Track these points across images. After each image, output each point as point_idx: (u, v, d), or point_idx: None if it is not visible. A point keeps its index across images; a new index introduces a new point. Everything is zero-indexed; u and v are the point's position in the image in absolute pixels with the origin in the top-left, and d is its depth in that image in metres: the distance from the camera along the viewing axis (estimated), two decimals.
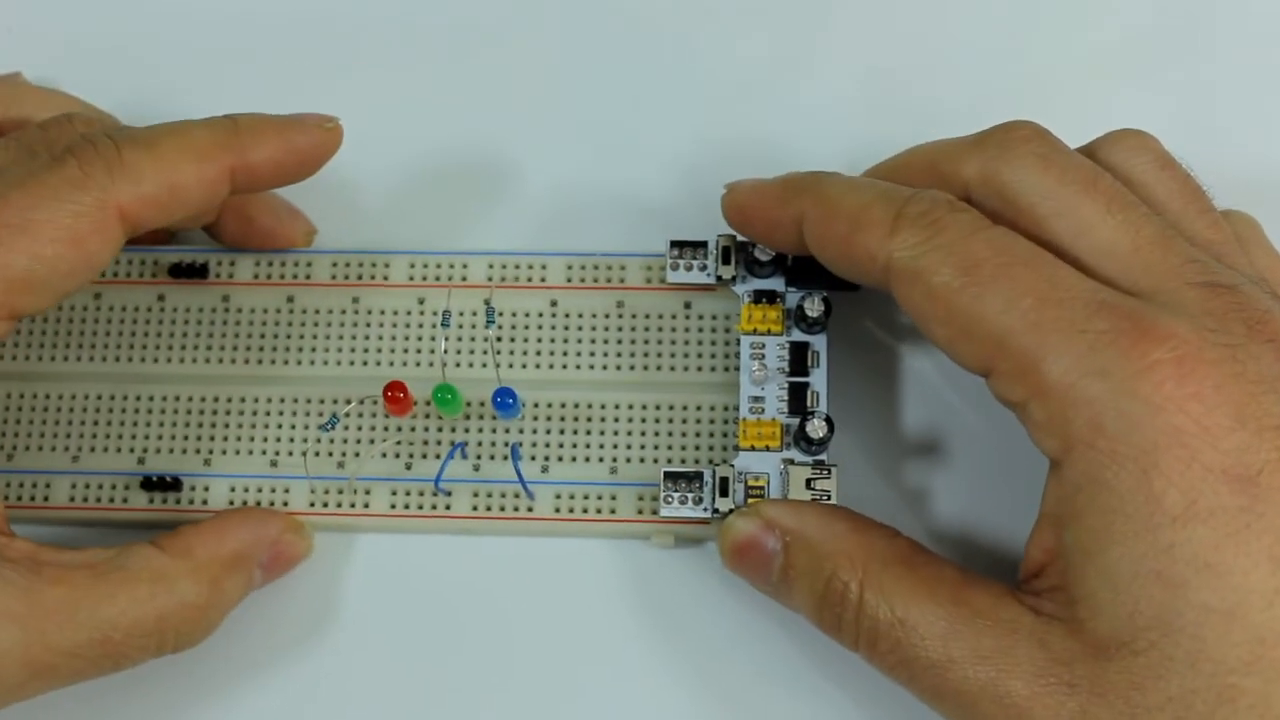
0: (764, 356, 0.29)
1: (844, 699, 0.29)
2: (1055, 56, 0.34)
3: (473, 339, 0.30)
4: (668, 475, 0.28)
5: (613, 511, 0.29)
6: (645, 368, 0.30)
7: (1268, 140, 0.33)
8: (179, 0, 0.35)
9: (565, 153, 0.33)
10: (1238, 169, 0.28)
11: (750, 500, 0.28)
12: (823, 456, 0.28)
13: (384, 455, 0.30)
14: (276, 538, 0.28)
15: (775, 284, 0.29)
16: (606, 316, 0.31)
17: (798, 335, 0.29)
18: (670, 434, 0.30)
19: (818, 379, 0.29)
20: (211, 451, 0.30)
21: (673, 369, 0.30)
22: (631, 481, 0.30)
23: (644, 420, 0.30)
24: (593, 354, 0.30)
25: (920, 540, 0.26)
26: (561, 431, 0.30)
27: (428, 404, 0.30)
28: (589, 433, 0.30)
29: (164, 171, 0.26)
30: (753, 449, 0.28)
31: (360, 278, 0.31)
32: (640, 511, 0.29)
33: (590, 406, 0.30)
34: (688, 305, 0.31)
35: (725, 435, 0.30)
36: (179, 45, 0.34)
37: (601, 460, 0.30)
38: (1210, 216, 0.26)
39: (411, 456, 0.30)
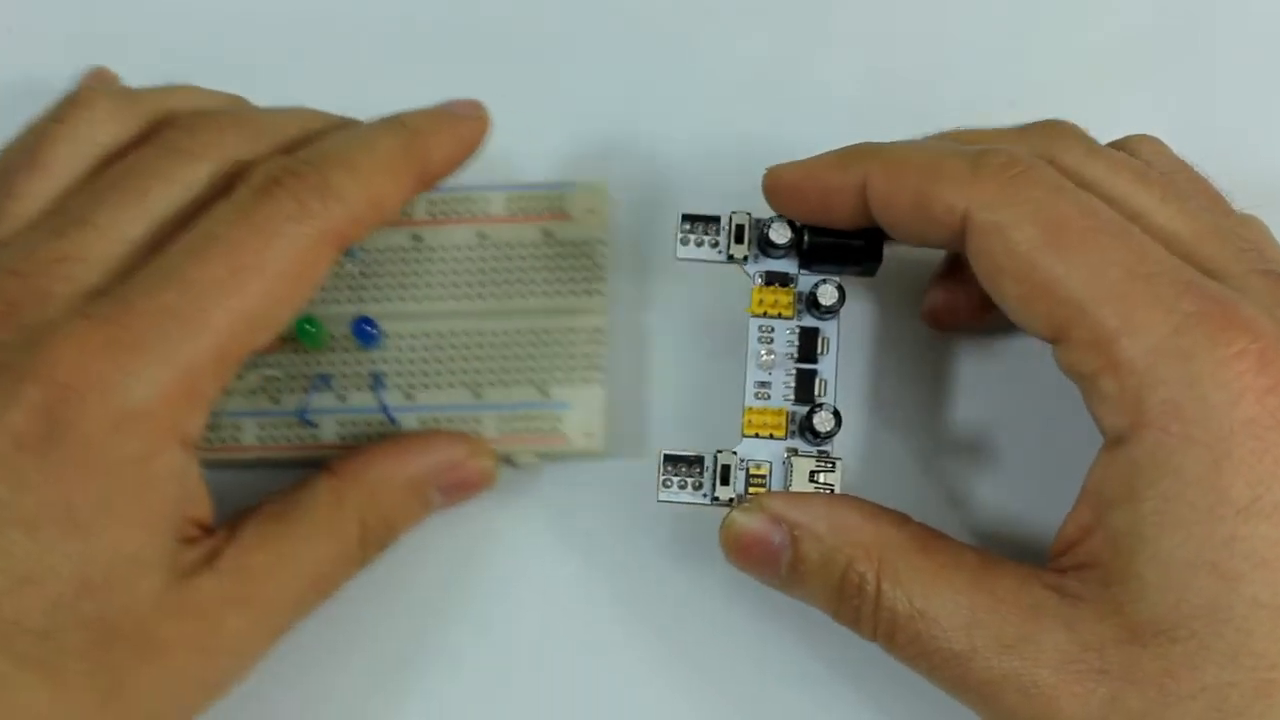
0: (772, 341, 0.28)
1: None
2: (1055, 56, 0.34)
3: (337, 274, 0.31)
4: (667, 458, 0.27)
5: (477, 435, 0.30)
6: (508, 295, 0.31)
7: (1268, 140, 0.33)
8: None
9: (566, 153, 0.33)
10: (1238, 169, 0.29)
11: (752, 490, 0.27)
12: (828, 448, 0.27)
13: (252, 391, 0.30)
14: (459, 462, 0.28)
15: (788, 266, 0.28)
16: (470, 249, 0.31)
17: (809, 321, 0.28)
18: (533, 358, 0.30)
19: (827, 367, 0.27)
20: None
21: (534, 295, 0.31)
22: (495, 405, 0.30)
23: (506, 346, 0.30)
24: (455, 285, 0.31)
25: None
26: (425, 360, 0.30)
27: (293, 339, 0.30)
28: (452, 360, 0.30)
29: (367, 190, 0.25)
30: (756, 436, 0.27)
31: None
32: (504, 433, 0.30)
33: (454, 335, 0.30)
34: (548, 234, 0.31)
35: (588, 357, 0.30)
36: (178, 44, 0.34)
37: (465, 386, 0.30)
38: (1237, 215, 0.27)
39: (279, 390, 0.30)
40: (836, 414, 0.27)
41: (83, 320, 0.23)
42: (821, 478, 0.27)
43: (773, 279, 0.28)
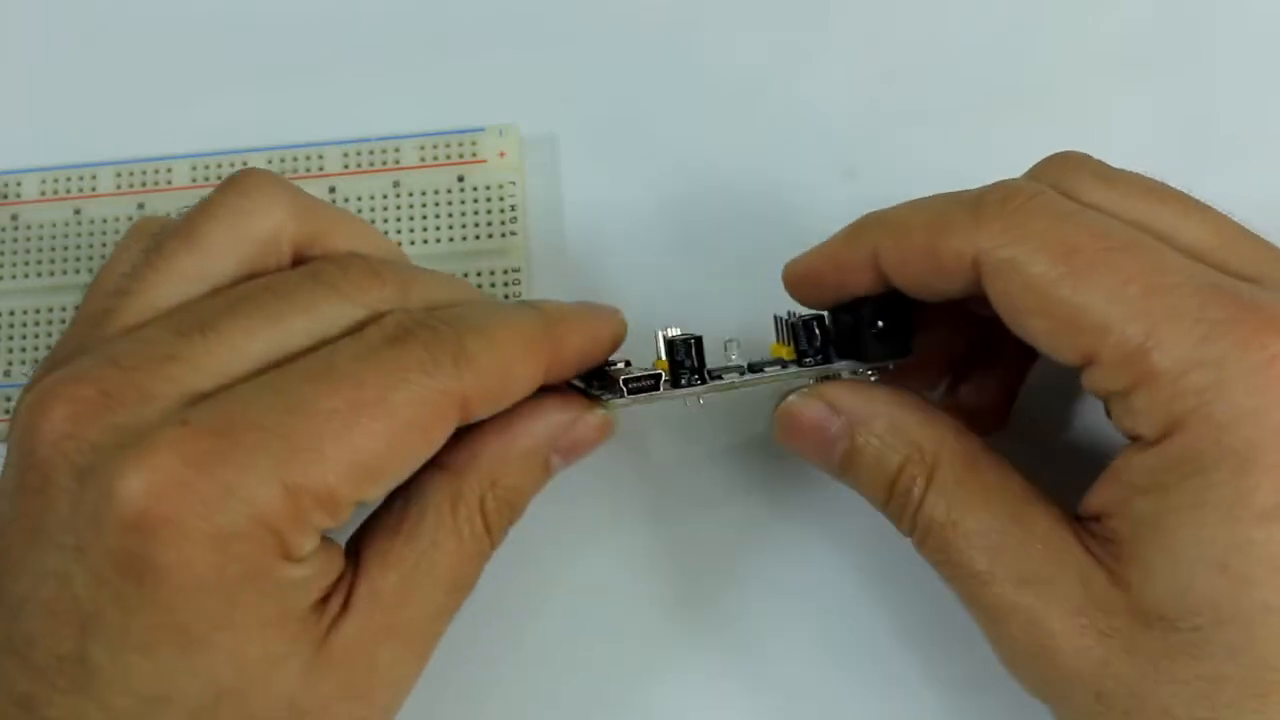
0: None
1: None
2: (1055, 56, 0.34)
3: None
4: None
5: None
6: (425, 241, 0.31)
7: (1268, 140, 0.33)
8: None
9: (564, 158, 0.33)
10: (1238, 169, 0.29)
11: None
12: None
13: None
14: (571, 423, 0.26)
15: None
16: (385, 197, 0.32)
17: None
18: None
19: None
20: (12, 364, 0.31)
21: (450, 240, 0.31)
22: None
23: None
24: None
25: None
26: None
27: None
28: None
29: (500, 365, 0.24)
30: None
31: (144, 185, 0.32)
32: None
33: None
34: (460, 179, 0.32)
35: (506, 298, 0.31)
36: (176, 44, 0.35)
37: None
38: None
39: None
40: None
41: (181, 428, 0.21)
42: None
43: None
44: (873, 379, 0.26)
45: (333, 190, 0.32)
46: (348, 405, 0.21)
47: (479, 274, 0.31)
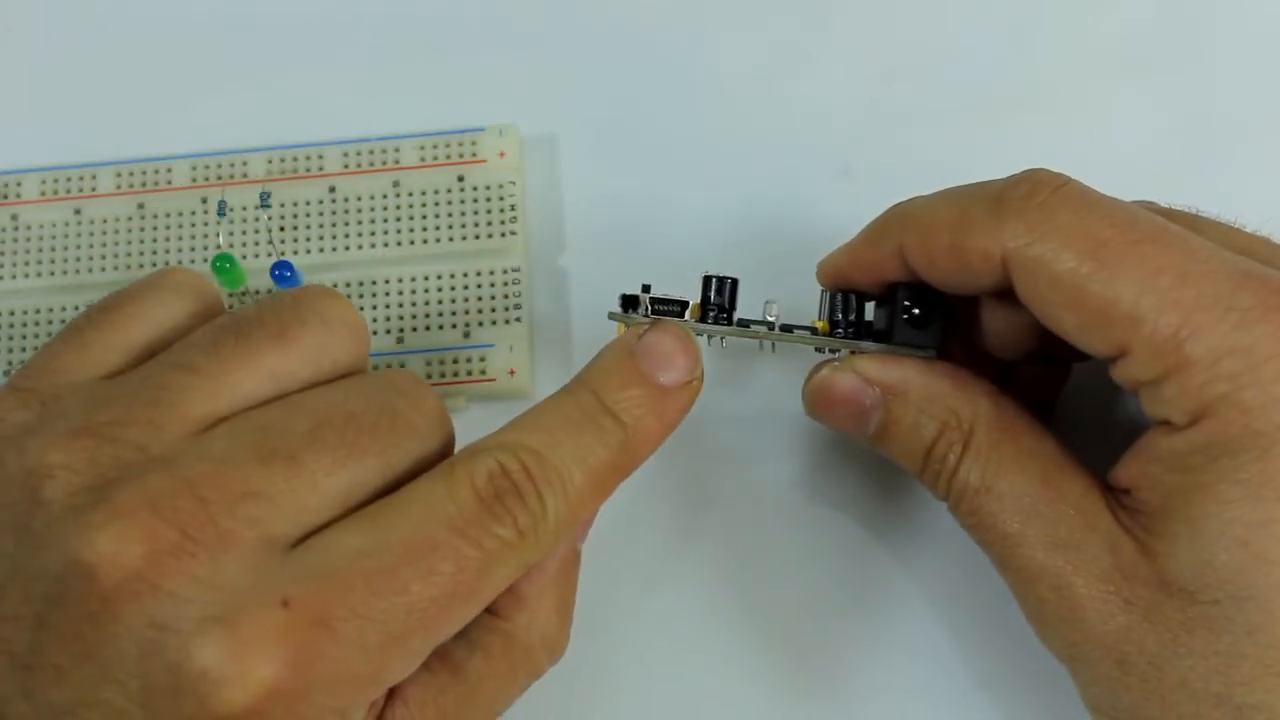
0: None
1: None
2: (1055, 56, 0.34)
3: (256, 231, 0.31)
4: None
5: None
6: (424, 241, 0.31)
7: (1268, 140, 0.33)
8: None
9: (564, 158, 0.33)
10: (1238, 169, 0.29)
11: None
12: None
13: None
14: (590, 521, 0.26)
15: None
16: (384, 197, 0.32)
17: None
18: (453, 300, 0.31)
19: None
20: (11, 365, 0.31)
21: (450, 240, 0.31)
22: (418, 349, 0.31)
23: (426, 290, 0.31)
24: (372, 233, 0.31)
25: None
26: None
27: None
28: (374, 306, 0.31)
29: (573, 518, 0.23)
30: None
31: (144, 185, 0.32)
32: (430, 376, 0.30)
33: (374, 283, 0.31)
34: (460, 179, 0.32)
35: (506, 298, 0.31)
36: (176, 44, 0.35)
37: (389, 332, 0.31)
38: None
39: None
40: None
41: (283, 613, 0.20)
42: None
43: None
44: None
45: (333, 190, 0.32)
46: (445, 595, 0.21)
47: (479, 274, 0.31)
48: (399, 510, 0.21)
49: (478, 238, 0.31)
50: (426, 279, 0.31)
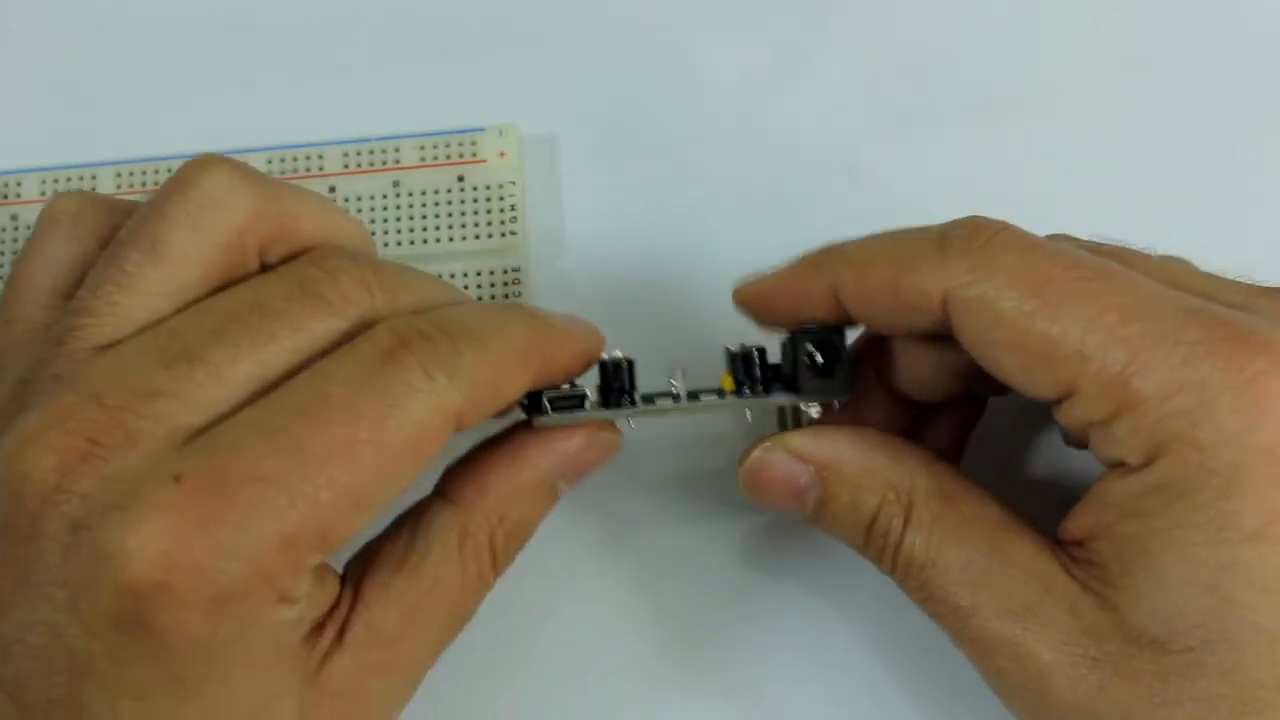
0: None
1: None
2: (1055, 56, 0.34)
3: None
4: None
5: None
6: (424, 241, 0.31)
7: (1268, 140, 0.33)
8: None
9: (564, 158, 0.33)
10: (1238, 169, 0.29)
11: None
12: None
13: None
14: (580, 451, 0.26)
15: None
16: (384, 197, 0.32)
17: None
18: None
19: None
20: None
21: (450, 240, 0.31)
22: None
23: None
24: (372, 233, 0.31)
25: None
26: None
27: None
28: None
29: (493, 372, 0.23)
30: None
31: (144, 185, 0.32)
32: None
33: None
34: (460, 179, 0.32)
35: (506, 298, 0.31)
36: (176, 44, 0.35)
37: None
38: None
39: None
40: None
41: (175, 487, 0.20)
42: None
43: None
44: (815, 414, 0.26)
45: (333, 190, 0.32)
46: (343, 444, 0.21)
47: (479, 274, 0.31)
48: (298, 379, 0.22)
49: (478, 238, 0.31)
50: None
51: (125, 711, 0.20)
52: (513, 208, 0.31)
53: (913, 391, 0.26)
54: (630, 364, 0.25)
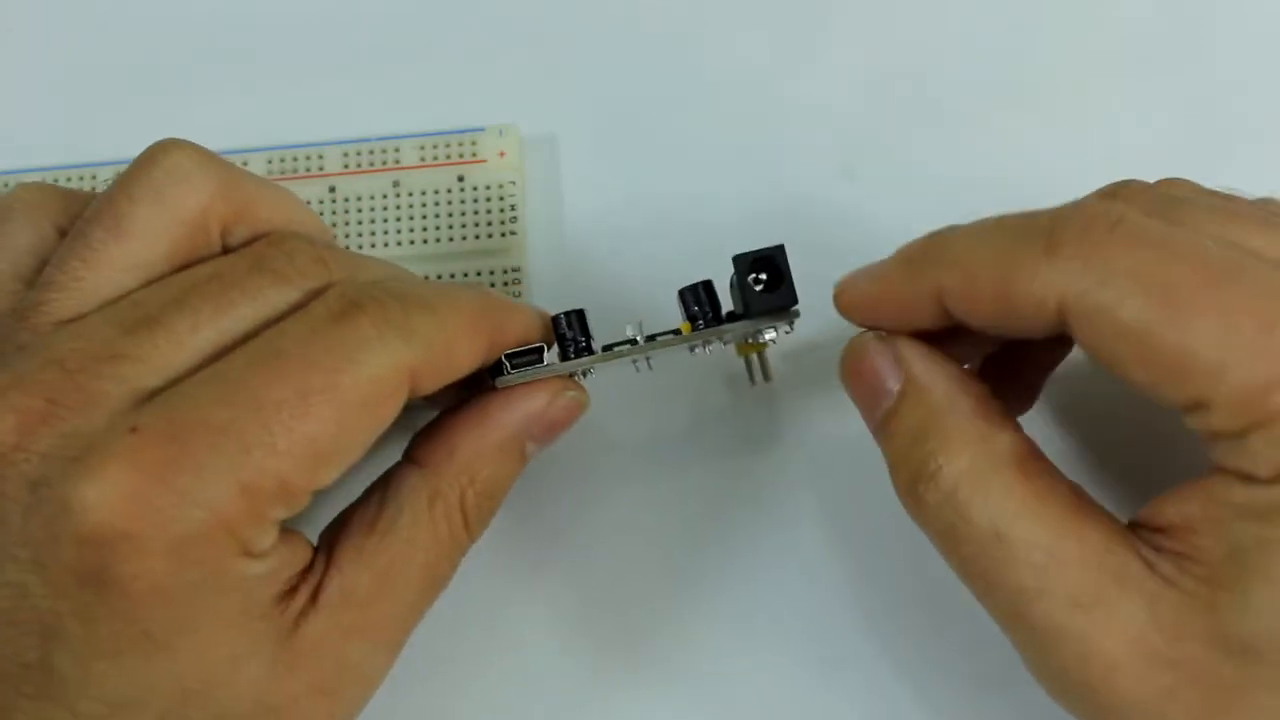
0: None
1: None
2: (1055, 56, 0.34)
3: None
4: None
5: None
6: (424, 241, 0.31)
7: (1268, 140, 0.32)
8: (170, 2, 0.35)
9: (564, 158, 0.33)
10: (1238, 169, 0.28)
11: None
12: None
13: None
14: (543, 410, 0.26)
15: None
16: (384, 197, 0.32)
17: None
18: None
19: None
20: None
21: (450, 240, 0.31)
22: None
23: None
24: (373, 233, 0.31)
25: None
26: None
27: None
28: None
29: (444, 335, 0.23)
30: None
31: None
32: None
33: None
34: (460, 179, 0.32)
35: (509, 298, 0.31)
36: (176, 44, 0.35)
37: None
38: None
39: None
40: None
41: (132, 437, 0.20)
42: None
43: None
44: (770, 337, 0.26)
45: (333, 190, 0.32)
46: (297, 393, 0.21)
47: (479, 274, 0.31)
48: (254, 340, 0.22)
49: (478, 238, 0.31)
50: (427, 278, 0.31)
51: (97, 672, 0.21)
52: (513, 208, 0.31)
53: (1003, 331, 0.24)
54: (580, 313, 0.26)
